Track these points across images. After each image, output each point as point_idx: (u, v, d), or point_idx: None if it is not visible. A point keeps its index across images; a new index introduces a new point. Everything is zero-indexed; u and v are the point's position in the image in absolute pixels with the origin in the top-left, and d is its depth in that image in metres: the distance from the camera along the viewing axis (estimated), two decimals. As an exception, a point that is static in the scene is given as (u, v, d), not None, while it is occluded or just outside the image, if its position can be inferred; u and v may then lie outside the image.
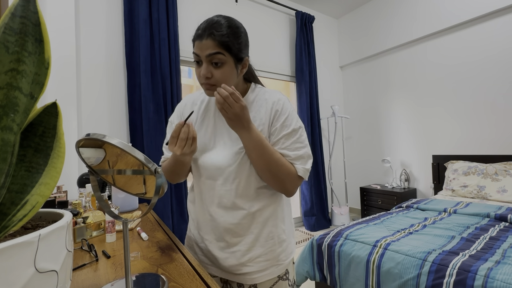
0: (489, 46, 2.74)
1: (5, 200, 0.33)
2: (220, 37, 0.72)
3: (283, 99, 0.83)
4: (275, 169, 0.77)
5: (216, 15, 0.76)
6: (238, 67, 0.77)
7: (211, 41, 0.72)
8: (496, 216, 1.91)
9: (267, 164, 0.76)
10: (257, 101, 0.84)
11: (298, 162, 0.79)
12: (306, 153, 0.80)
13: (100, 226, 1.03)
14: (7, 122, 0.30)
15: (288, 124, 0.80)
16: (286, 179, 0.78)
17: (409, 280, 1.30)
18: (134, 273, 0.66)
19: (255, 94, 0.86)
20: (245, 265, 0.81)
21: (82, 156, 0.49)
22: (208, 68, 0.74)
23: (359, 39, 3.91)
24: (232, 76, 0.77)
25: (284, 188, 0.80)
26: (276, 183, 0.79)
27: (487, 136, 2.78)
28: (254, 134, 0.75)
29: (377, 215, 2.12)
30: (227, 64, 0.74)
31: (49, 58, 0.34)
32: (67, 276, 0.36)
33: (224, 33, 0.72)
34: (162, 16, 2.42)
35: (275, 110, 0.81)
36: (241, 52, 0.76)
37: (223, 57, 0.73)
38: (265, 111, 0.82)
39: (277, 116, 0.80)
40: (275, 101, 0.82)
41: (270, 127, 0.81)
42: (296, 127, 0.80)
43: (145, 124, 2.29)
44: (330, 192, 3.87)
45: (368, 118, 3.89)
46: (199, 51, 0.73)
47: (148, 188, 0.57)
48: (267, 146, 0.76)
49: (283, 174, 0.77)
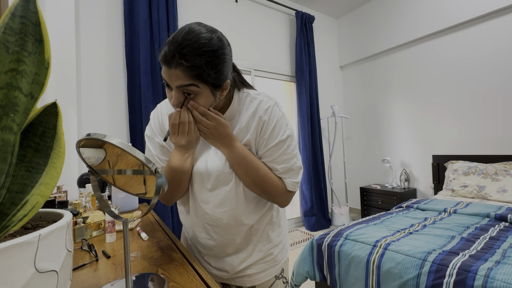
0: (489, 46, 2.74)
1: (5, 200, 0.33)
2: (191, 69, 0.59)
3: (270, 107, 0.74)
4: (262, 184, 0.73)
5: (189, 27, 0.61)
6: (216, 94, 0.66)
7: (180, 72, 0.59)
8: (496, 216, 1.91)
9: (253, 180, 0.73)
10: (243, 111, 0.76)
11: (286, 176, 0.75)
12: (295, 165, 0.75)
13: (100, 226, 1.03)
14: (7, 122, 0.30)
15: (275, 135, 0.73)
16: (275, 194, 0.75)
17: (409, 280, 1.30)
18: (134, 273, 0.66)
19: (241, 103, 0.76)
20: (244, 269, 0.82)
21: (83, 156, 0.49)
22: (179, 98, 0.63)
23: (359, 39, 3.91)
24: (208, 102, 0.67)
25: (275, 201, 0.78)
26: (266, 197, 0.76)
27: (487, 136, 2.78)
28: (236, 150, 0.71)
29: (377, 215, 2.12)
30: (201, 94, 0.64)
31: (49, 58, 0.34)
32: (67, 276, 0.36)
33: (196, 64, 0.59)
34: (162, 16, 2.42)
35: (263, 121, 0.73)
36: (219, 80, 0.64)
37: (197, 89, 0.62)
38: (251, 122, 0.74)
39: (264, 126, 0.73)
40: (262, 111, 0.74)
41: (258, 138, 0.75)
42: (283, 138, 0.73)
43: (145, 124, 2.29)
44: (330, 192, 3.87)
45: (368, 118, 3.89)
46: (168, 79, 0.62)
47: (148, 188, 0.57)
48: (251, 161, 0.72)
49: (271, 190, 0.74)
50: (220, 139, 0.69)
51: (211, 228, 0.79)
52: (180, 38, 0.59)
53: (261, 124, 0.74)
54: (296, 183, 0.76)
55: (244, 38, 3.21)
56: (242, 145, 0.73)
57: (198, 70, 0.59)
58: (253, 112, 0.74)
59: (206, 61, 0.59)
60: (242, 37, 3.18)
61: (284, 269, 0.89)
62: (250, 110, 0.75)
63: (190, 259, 0.74)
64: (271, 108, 0.74)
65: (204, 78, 0.61)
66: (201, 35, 0.60)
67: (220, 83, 0.65)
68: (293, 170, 0.75)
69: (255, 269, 0.82)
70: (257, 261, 0.82)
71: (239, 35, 3.15)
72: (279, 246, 0.86)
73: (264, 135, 0.74)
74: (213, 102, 0.68)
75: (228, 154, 0.72)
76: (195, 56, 0.58)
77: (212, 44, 0.60)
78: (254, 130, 0.74)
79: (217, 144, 0.71)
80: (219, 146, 0.71)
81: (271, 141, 0.73)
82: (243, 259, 0.81)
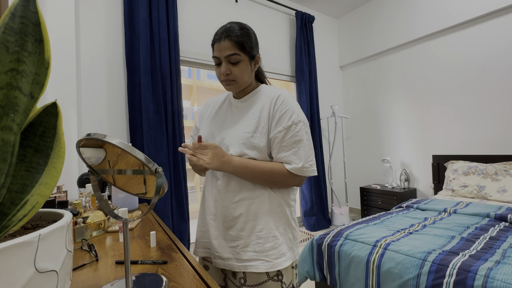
0: (490, 46, 2.74)
1: (5, 200, 0.33)
2: (235, 37, 0.84)
3: (283, 95, 0.88)
4: (272, 179, 0.85)
5: (228, 22, 0.88)
6: (251, 64, 0.89)
7: (228, 42, 0.84)
8: (496, 216, 1.91)
9: (263, 179, 0.85)
10: (260, 99, 0.92)
11: (292, 159, 0.84)
12: (302, 150, 0.85)
13: (100, 226, 1.03)
14: (7, 122, 0.30)
15: (284, 119, 0.86)
16: (283, 181, 0.86)
17: (409, 280, 1.30)
18: (134, 273, 0.66)
19: (260, 92, 0.94)
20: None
21: (83, 156, 0.49)
22: (227, 66, 0.86)
23: (359, 39, 3.91)
24: (247, 71, 0.88)
25: (287, 186, 0.89)
26: (280, 186, 0.88)
27: (487, 136, 2.78)
28: (238, 163, 0.83)
29: (377, 215, 2.12)
30: (242, 62, 0.86)
31: (49, 58, 0.34)
32: (67, 276, 0.36)
33: (238, 34, 0.85)
34: (162, 16, 2.42)
35: (274, 107, 0.87)
36: (253, 50, 0.88)
37: (239, 57, 0.85)
38: (265, 107, 0.88)
39: (275, 112, 0.87)
40: (274, 97, 0.88)
41: (271, 122, 0.87)
42: (288, 124, 0.85)
43: (145, 124, 2.29)
44: (330, 192, 3.87)
45: (368, 118, 3.89)
46: (218, 52, 0.85)
47: (149, 188, 0.57)
48: (254, 165, 0.84)
49: (278, 178, 0.85)
50: (221, 158, 0.81)
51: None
52: (224, 26, 0.87)
53: (273, 110, 0.87)
54: (299, 169, 0.84)
55: (244, 38, 3.20)
56: (238, 157, 0.85)
57: (240, 39, 0.84)
58: (267, 99, 0.89)
59: (245, 33, 0.86)
60: (242, 37, 3.18)
61: (283, 274, 0.87)
62: (265, 97, 0.91)
63: (190, 259, 0.74)
64: (284, 97, 0.89)
65: (244, 47, 0.85)
66: (237, 23, 0.88)
67: (254, 54, 0.89)
68: (298, 154, 0.85)
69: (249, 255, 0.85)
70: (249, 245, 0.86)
71: (239, 35, 3.15)
72: (272, 242, 0.86)
73: (273, 122, 0.86)
74: (249, 73, 0.89)
75: (233, 170, 0.83)
76: (237, 30, 0.85)
77: (247, 28, 0.89)
78: (266, 116, 0.87)
79: (220, 166, 0.82)
80: (222, 167, 0.82)
81: (279, 125, 0.85)
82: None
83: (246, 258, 0.84)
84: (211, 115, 1.00)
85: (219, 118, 0.97)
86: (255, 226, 0.86)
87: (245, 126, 0.88)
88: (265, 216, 0.86)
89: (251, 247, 0.85)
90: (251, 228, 0.86)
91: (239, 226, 0.86)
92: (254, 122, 0.88)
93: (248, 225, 0.86)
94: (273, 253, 0.85)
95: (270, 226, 0.86)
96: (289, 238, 0.90)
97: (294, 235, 0.92)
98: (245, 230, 0.86)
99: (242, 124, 0.90)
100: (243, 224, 0.86)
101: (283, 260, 0.86)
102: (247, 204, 0.86)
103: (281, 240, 0.87)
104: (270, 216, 0.87)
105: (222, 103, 1.00)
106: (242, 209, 0.86)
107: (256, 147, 0.86)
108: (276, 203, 0.88)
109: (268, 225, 0.86)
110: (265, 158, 0.88)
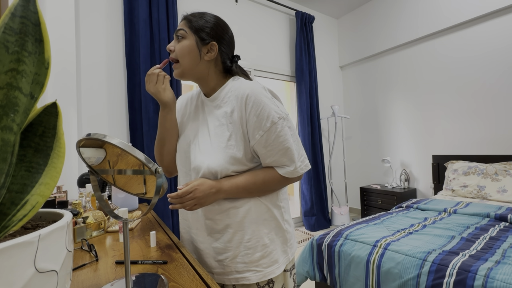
0: (490, 46, 2.74)
1: (5, 200, 0.33)
2: (189, 16, 0.82)
3: (252, 93, 0.76)
4: (267, 188, 0.81)
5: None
6: (200, 47, 0.81)
7: (182, 21, 0.83)
8: (496, 216, 1.91)
9: (259, 191, 0.80)
10: (228, 98, 0.82)
11: (283, 162, 0.79)
12: (290, 150, 0.77)
13: (100, 226, 1.03)
14: (7, 122, 0.30)
15: (261, 121, 0.75)
16: (280, 186, 0.83)
17: (409, 280, 1.30)
18: (134, 273, 0.66)
19: (229, 89, 0.83)
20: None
21: (83, 156, 0.49)
22: (174, 43, 0.82)
23: (359, 39, 3.91)
24: (191, 52, 0.80)
25: (285, 187, 0.87)
26: (279, 188, 0.85)
27: (487, 136, 2.78)
28: (228, 187, 0.77)
29: (377, 215, 2.12)
30: (186, 39, 0.80)
31: (49, 58, 0.34)
32: (67, 276, 0.36)
33: (195, 15, 0.82)
34: (162, 16, 2.42)
35: (245, 110, 0.77)
36: (204, 33, 0.81)
37: (184, 33, 0.81)
38: (235, 110, 0.79)
39: (249, 116, 0.76)
40: (243, 98, 0.77)
41: (246, 129, 0.78)
42: (268, 126, 0.75)
43: (145, 124, 2.29)
44: (330, 192, 3.87)
45: (368, 118, 3.89)
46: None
47: (149, 188, 0.57)
48: (245, 182, 0.77)
49: (273, 186, 0.81)
50: (209, 193, 0.75)
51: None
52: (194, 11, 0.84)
53: (247, 112, 0.77)
54: (291, 171, 0.80)
55: (244, 38, 3.20)
56: (226, 179, 0.78)
57: (192, 18, 0.81)
58: (236, 99, 0.79)
59: (205, 19, 0.82)
60: (242, 37, 3.18)
61: (274, 281, 0.83)
62: (234, 97, 0.80)
63: (190, 259, 0.74)
64: (254, 96, 0.77)
65: (193, 25, 0.80)
66: (213, 15, 0.85)
67: (205, 38, 0.81)
68: (287, 156, 0.78)
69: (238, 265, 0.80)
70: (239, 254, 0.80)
71: (239, 35, 3.15)
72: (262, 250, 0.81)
73: (250, 125, 0.77)
74: (195, 57, 0.81)
75: (225, 194, 0.77)
76: (194, 14, 0.83)
77: (210, 15, 0.84)
78: (238, 116, 0.78)
79: (214, 198, 0.77)
80: (216, 198, 0.77)
81: (258, 130, 0.76)
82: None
83: (236, 270, 0.79)
84: (191, 116, 0.91)
85: (194, 120, 0.89)
86: (243, 236, 0.79)
87: (216, 134, 0.80)
88: (252, 225, 0.80)
89: (240, 258, 0.79)
90: (239, 239, 0.79)
91: (226, 238, 0.80)
92: (225, 129, 0.79)
93: (236, 236, 0.79)
94: (264, 262, 0.80)
95: (258, 234, 0.80)
96: (282, 242, 0.85)
97: (287, 237, 0.87)
98: (233, 241, 0.79)
99: (213, 131, 0.81)
100: (230, 235, 0.79)
101: (275, 268, 0.81)
102: (232, 214, 0.80)
103: (272, 247, 0.82)
104: (257, 224, 0.80)
105: (196, 101, 0.93)
106: (228, 220, 0.80)
107: (234, 157, 0.77)
108: (263, 209, 0.82)
109: (256, 234, 0.80)
110: (248, 168, 0.81)
